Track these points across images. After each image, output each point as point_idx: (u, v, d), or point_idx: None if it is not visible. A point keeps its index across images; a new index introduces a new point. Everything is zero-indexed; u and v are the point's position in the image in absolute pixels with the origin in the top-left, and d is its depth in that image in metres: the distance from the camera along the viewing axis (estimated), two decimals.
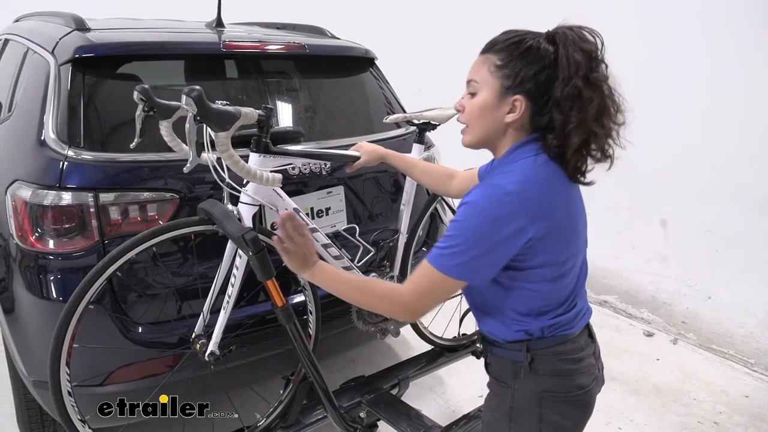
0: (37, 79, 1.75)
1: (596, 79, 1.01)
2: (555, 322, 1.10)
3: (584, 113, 1.00)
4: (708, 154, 2.92)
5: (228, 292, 1.52)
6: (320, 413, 1.75)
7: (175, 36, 2.01)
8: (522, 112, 1.04)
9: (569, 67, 1.00)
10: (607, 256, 3.47)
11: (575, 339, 1.14)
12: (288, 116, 2.03)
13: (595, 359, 1.19)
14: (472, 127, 1.10)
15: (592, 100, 1.01)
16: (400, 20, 4.71)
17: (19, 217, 1.53)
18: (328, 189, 1.91)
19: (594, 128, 1.01)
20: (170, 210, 1.60)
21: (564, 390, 1.12)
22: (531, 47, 1.03)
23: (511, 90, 1.04)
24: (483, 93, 1.07)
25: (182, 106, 1.22)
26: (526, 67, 1.02)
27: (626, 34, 3.18)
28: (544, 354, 1.11)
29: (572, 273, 1.11)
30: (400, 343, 2.77)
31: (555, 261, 1.05)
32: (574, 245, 1.09)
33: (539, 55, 1.02)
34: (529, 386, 1.12)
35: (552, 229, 1.02)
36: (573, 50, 1.01)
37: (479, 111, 1.08)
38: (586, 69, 1.01)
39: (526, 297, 1.08)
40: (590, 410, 1.18)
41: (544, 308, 1.10)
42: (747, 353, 2.79)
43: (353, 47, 2.22)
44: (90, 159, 1.53)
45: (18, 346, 1.66)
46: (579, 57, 1.01)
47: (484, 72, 1.06)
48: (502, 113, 1.06)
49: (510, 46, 1.04)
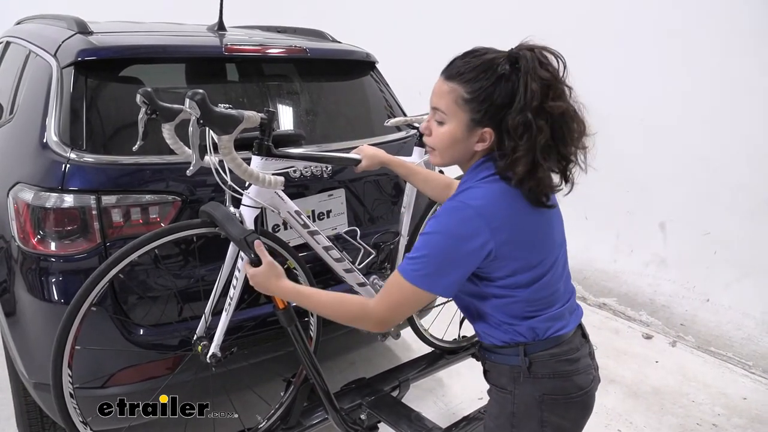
0: (39, 82, 1.76)
1: (550, 108, 1.01)
2: (546, 324, 1.12)
3: (532, 143, 1.01)
4: (707, 157, 2.93)
5: (230, 294, 1.53)
6: (321, 415, 1.76)
7: (177, 39, 2.02)
8: (491, 140, 1.07)
9: (525, 97, 1.01)
10: (606, 259, 3.48)
11: (570, 339, 1.15)
12: (289, 119, 2.04)
13: (590, 359, 1.20)
14: (440, 152, 1.13)
15: (542, 131, 1.01)
16: (400, 24, 4.73)
17: (21, 219, 1.53)
18: (330, 192, 1.92)
19: (539, 159, 1.02)
20: (172, 213, 1.61)
21: (564, 392, 1.13)
22: (497, 80, 1.03)
23: (481, 123, 1.06)
24: (451, 125, 1.08)
25: (185, 109, 1.23)
26: (495, 101, 1.03)
27: (626, 34, 3.20)
28: (542, 357, 1.12)
29: (551, 273, 1.13)
30: (400, 345, 2.77)
31: (525, 267, 1.08)
32: (544, 249, 1.11)
33: (507, 87, 1.03)
34: (529, 390, 1.13)
35: (515, 239, 1.05)
36: (531, 79, 1.01)
37: (448, 141, 1.10)
38: (541, 98, 1.00)
39: (508, 303, 1.11)
40: (590, 410, 1.19)
41: (530, 312, 1.12)
42: (745, 355, 2.80)
43: (354, 51, 2.23)
44: (92, 161, 1.54)
45: (19, 348, 1.66)
46: (536, 86, 1.00)
47: (451, 103, 1.07)
48: (471, 143, 1.09)
49: (477, 78, 1.04)
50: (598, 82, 3.36)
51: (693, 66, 2.93)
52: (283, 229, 1.80)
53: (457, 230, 1.02)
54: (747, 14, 2.70)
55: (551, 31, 3.82)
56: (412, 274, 1.05)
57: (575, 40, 3.38)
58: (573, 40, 3.40)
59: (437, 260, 1.03)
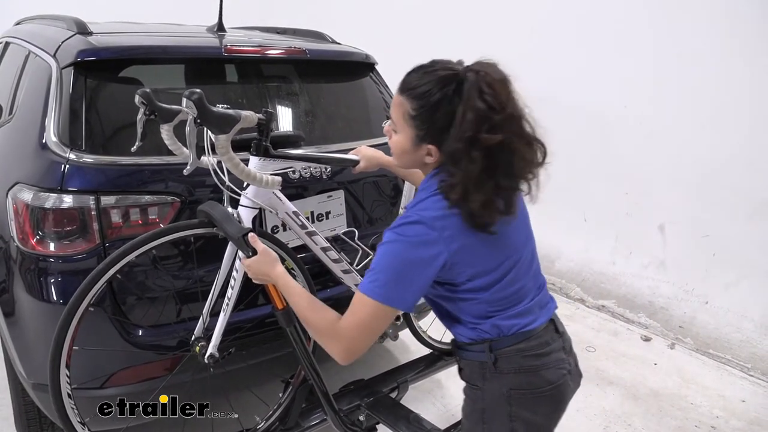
0: (39, 83, 1.76)
1: (484, 141, 1.00)
2: (511, 321, 1.13)
3: (466, 172, 1.01)
4: (706, 159, 2.93)
5: (227, 295, 1.53)
6: (319, 416, 1.75)
7: (177, 40, 2.02)
8: (438, 156, 1.09)
9: (461, 126, 1.01)
10: (605, 261, 3.48)
11: (539, 334, 1.16)
12: (288, 120, 2.04)
13: (565, 353, 1.20)
14: (396, 157, 1.18)
15: (475, 161, 1.01)
16: (399, 25, 4.73)
17: (20, 219, 1.53)
18: (329, 193, 1.92)
19: (471, 189, 1.01)
20: (171, 213, 1.61)
21: (531, 386, 1.13)
22: (440, 101, 1.03)
23: (425, 140, 1.08)
24: (400, 136, 1.12)
25: (183, 109, 1.23)
26: (435, 122, 1.05)
27: (626, 36, 3.20)
28: (508, 352, 1.13)
29: (513, 273, 1.13)
30: (399, 346, 2.77)
31: (482, 272, 1.10)
32: (500, 254, 1.12)
33: (446, 111, 1.03)
34: (497, 386, 1.15)
35: (469, 248, 1.06)
36: (467, 108, 1.00)
37: (399, 150, 1.14)
38: (475, 129, 0.99)
39: (471, 305, 1.13)
40: (563, 405, 1.19)
41: (492, 311, 1.13)
42: (744, 358, 2.80)
43: (354, 52, 2.24)
44: (91, 162, 1.54)
45: (18, 349, 1.65)
46: (470, 116, 1.00)
47: (400, 117, 1.10)
48: (420, 156, 1.12)
49: (422, 96, 1.05)
50: (597, 84, 3.37)
51: (692, 68, 2.93)
52: (282, 230, 1.80)
53: (410, 245, 1.04)
54: (747, 16, 2.71)
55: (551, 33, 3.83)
56: (371, 289, 1.06)
57: (575, 42, 3.39)
58: (573, 42, 3.41)
59: (394, 274, 1.05)
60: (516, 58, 1.12)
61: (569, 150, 3.55)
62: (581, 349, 2.93)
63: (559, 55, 3.47)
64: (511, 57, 1.09)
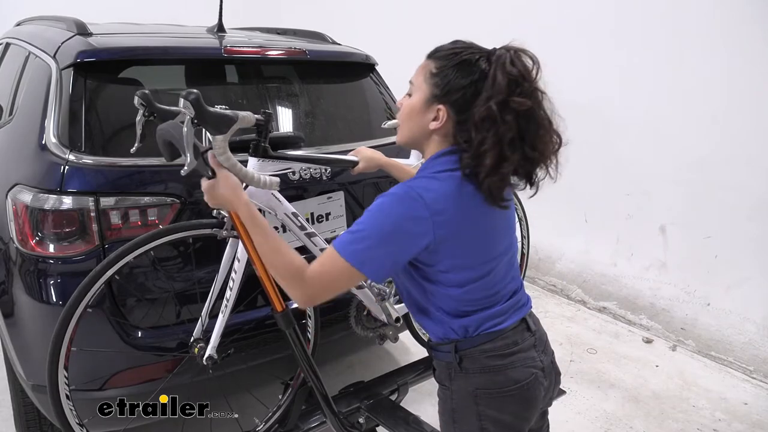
0: (39, 84, 1.76)
1: (515, 104, 1.01)
2: (477, 322, 1.13)
3: (499, 136, 1.01)
4: (708, 160, 2.92)
5: (226, 296, 1.52)
6: (319, 418, 1.75)
7: (177, 41, 2.02)
8: (443, 121, 1.08)
9: (492, 88, 1.02)
10: (607, 263, 3.48)
11: (508, 335, 1.15)
12: (288, 121, 2.04)
13: (537, 352, 1.18)
14: (401, 126, 1.16)
15: (509, 125, 1.01)
16: (400, 26, 4.73)
17: (20, 220, 1.53)
18: (329, 194, 1.92)
19: (508, 152, 1.01)
20: (170, 214, 1.60)
21: (496, 386, 1.13)
22: (465, 61, 1.05)
23: (438, 99, 1.08)
24: (415, 96, 1.12)
25: (180, 110, 1.22)
26: (456, 79, 1.05)
27: (627, 37, 3.20)
28: (472, 352, 1.14)
29: (489, 278, 1.13)
30: (398, 348, 2.77)
31: (460, 267, 1.09)
32: (482, 255, 1.12)
33: (470, 71, 1.05)
34: (463, 385, 1.15)
35: (455, 239, 1.06)
36: (500, 72, 1.02)
37: (408, 113, 1.13)
38: (507, 93, 1.01)
39: (442, 298, 1.13)
40: (533, 403, 1.17)
41: (461, 311, 1.13)
42: (746, 360, 2.79)
43: (354, 53, 2.23)
44: (91, 163, 1.54)
45: (17, 349, 1.65)
46: (502, 79, 1.01)
47: (421, 77, 1.11)
48: (426, 120, 1.10)
49: (447, 57, 1.07)
50: (599, 85, 3.36)
51: (694, 69, 2.92)
52: (282, 232, 1.80)
53: (401, 216, 1.02)
54: (749, 16, 2.70)
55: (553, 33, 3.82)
56: (345, 248, 1.03)
57: (576, 43, 3.39)
58: (574, 42, 3.40)
59: (373, 239, 1.02)
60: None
61: (570, 150, 3.54)
62: (582, 351, 2.92)
63: (560, 55, 3.46)
64: None
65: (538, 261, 3.77)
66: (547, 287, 3.70)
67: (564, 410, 2.35)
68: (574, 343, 2.99)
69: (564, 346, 2.95)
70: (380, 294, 1.82)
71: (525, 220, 2.49)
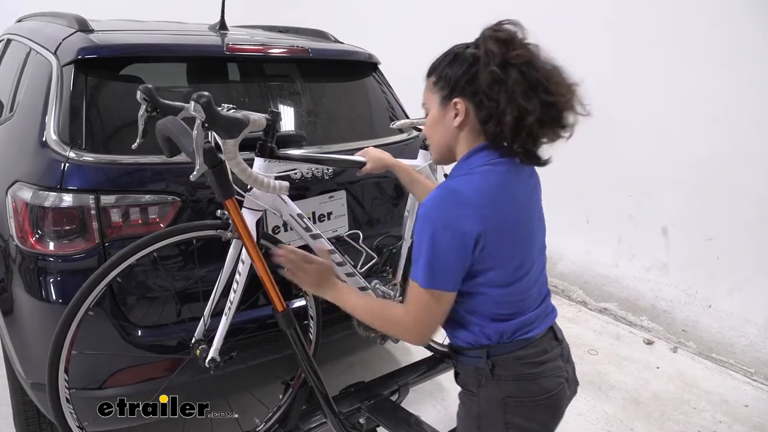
0: (40, 80, 1.75)
1: (515, 58, 1.04)
2: (513, 327, 1.11)
3: (510, 92, 1.03)
4: (710, 161, 2.91)
5: (230, 298, 1.51)
6: (319, 418, 1.74)
7: (179, 38, 2.01)
8: (465, 112, 1.09)
9: (486, 58, 1.05)
10: (608, 264, 3.47)
11: (538, 342, 1.14)
12: (290, 120, 2.02)
13: (563, 362, 1.18)
14: (431, 142, 1.19)
15: (515, 79, 1.03)
16: (403, 25, 4.72)
17: (20, 218, 1.52)
18: (330, 193, 1.91)
19: (524, 104, 1.03)
20: (171, 213, 1.59)
21: (528, 394, 1.12)
22: (456, 55, 1.11)
23: (449, 97, 1.11)
24: (430, 109, 1.16)
25: (190, 112, 1.20)
26: (455, 72, 1.09)
27: (629, 37, 3.18)
28: (505, 359, 1.12)
29: (527, 279, 1.12)
30: (399, 348, 2.76)
31: (504, 265, 1.08)
32: (526, 251, 1.12)
33: (464, 59, 1.09)
34: (493, 392, 1.13)
35: (501, 232, 1.06)
36: (489, 42, 1.06)
37: (431, 125, 1.17)
38: (501, 53, 1.04)
39: (479, 301, 1.11)
40: (559, 413, 1.17)
41: (498, 314, 1.11)
42: (747, 362, 2.78)
43: (356, 51, 2.22)
44: (91, 161, 1.53)
45: (16, 348, 1.64)
46: (493, 45, 1.05)
47: (428, 92, 1.16)
48: (449, 120, 1.12)
49: (440, 62, 1.13)
50: (600, 85, 3.34)
51: (696, 70, 2.91)
52: (284, 230, 1.79)
53: (448, 219, 1.03)
54: (750, 17, 2.69)
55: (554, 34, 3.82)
56: (418, 276, 1.05)
57: (578, 43, 3.38)
58: (576, 43, 3.39)
59: (438, 256, 1.03)
60: None
61: (572, 151, 3.53)
62: (583, 352, 2.91)
63: (561, 55, 3.44)
64: None
65: None
66: None
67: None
68: (575, 344, 2.99)
69: None
70: (384, 297, 1.82)
71: None
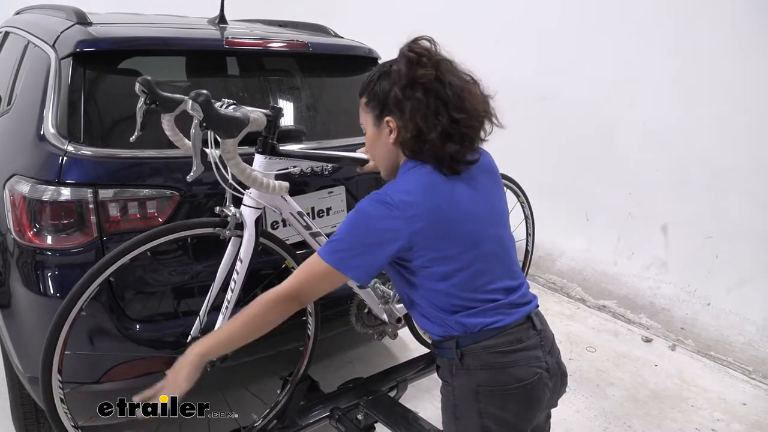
0: (38, 73, 1.74)
1: (422, 77, 1.08)
2: (476, 319, 1.12)
3: (412, 110, 1.09)
4: (709, 160, 2.91)
5: (227, 297, 1.50)
6: (317, 414, 1.74)
7: (178, 32, 1.99)
8: (398, 129, 1.13)
9: (392, 78, 1.12)
10: (607, 261, 3.47)
11: (511, 331, 1.14)
12: (290, 115, 2.01)
13: (542, 351, 1.17)
14: (375, 161, 1.25)
15: (417, 99, 1.09)
16: (402, 20, 4.70)
17: (17, 211, 1.52)
18: (330, 189, 1.90)
19: (421, 122, 1.08)
20: (170, 207, 1.59)
21: (498, 383, 1.13)
22: (383, 73, 1.15)
23: (380, 116, 1.16)
24: (367, 129, 1.21)
25: (188, 111, 1.17)
26: (381, 90, 1.14)
27: (629, 37, 3.17)
28: (474, 348, 1.13)
29: (479, 266, 1.13)
30: (398, 345, 2.75)
31: (441, 259, 1.10)
32: (463, 245, 1.12)
33: (388, 76, 1.14)
34: (464, 382, 1.15)
35: (432, 229, 1.08)
36: (400, 61, 1.12)
37: (370, 144, 1.22)
38: (408, 74, 1.09)
39: (434, 295, 1.14)
40: (536, 404, 1.16)
41: (455, 305, 1.13)
42: (745, 360, 2.78)
43: (356, 46, 2.21)
44: (90, 154, 1.52)
45: (14, 341, 1.64)
46: (402, 64, 1.11)
47: (362, 113, 1.21)
48: (384, 138, 1.17)
49: (369, 82, 1.18)
50: (600, 83, 3.34)
51: (696, 68, 2.91)
52: (282, 226, 1.79)
53: (373, 218, 1.08)
54: (751, 16, 2.68)
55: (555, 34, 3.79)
56: (327, 254, 1.09)
57: (578, 43, 3.37)
58: (576, 43, 3.38)
59: (351, 242, 1.09)
60: (519, 58, 1.11)
61: (572, 149, 3.53)
62: (581, 349, 2.91)
63: (562, 54, 3.44)
64: (514, 56, 1.08)
65: (538, 258, 3.76)
66: (547, 285, 3.69)
67: (562, 408, 2.32)
68: (574, 341, 2.99)
69: (563, 344, 2.94)
70: (383, 296, 1.81)
71: (531, 218, 2.48)
